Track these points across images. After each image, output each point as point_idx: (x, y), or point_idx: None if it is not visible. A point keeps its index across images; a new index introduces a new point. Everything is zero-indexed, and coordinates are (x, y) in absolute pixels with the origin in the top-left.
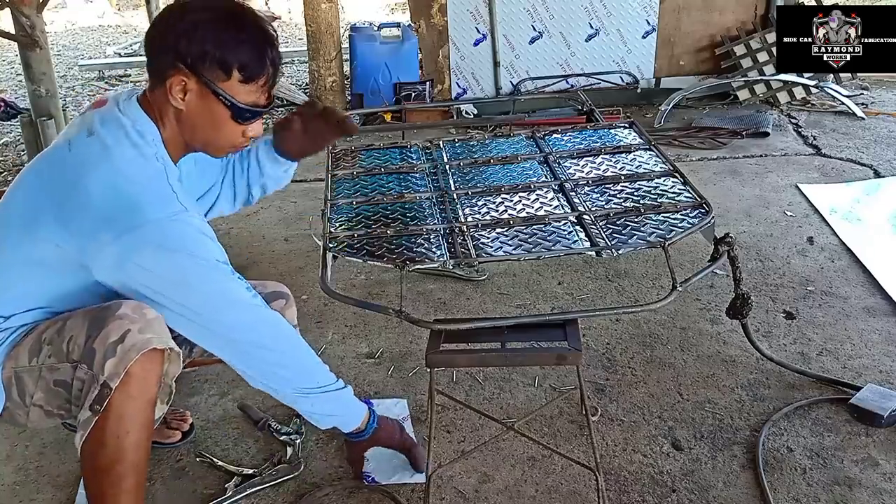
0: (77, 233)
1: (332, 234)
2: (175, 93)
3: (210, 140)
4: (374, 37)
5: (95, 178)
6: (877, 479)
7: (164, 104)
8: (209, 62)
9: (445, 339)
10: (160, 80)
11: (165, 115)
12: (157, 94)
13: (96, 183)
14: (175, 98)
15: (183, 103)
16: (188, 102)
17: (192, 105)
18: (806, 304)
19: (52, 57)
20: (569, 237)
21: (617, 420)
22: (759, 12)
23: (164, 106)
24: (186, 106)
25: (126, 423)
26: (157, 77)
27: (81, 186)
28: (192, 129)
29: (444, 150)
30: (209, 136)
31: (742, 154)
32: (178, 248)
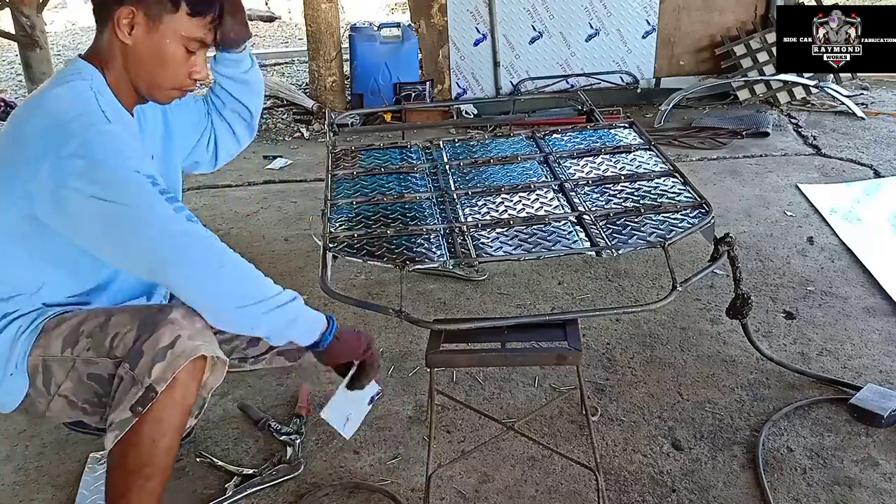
0: (24, 180)
1: (332, 234)
2: (122, 26)
3: (155, 78)
4: (374, 37)
5: (31, 123)
6: (877, 479)
7: (110, 44)
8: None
9: (445, 339)
10: (106, 18)
11: (111, 56)
12: (102, 37)
13: (31, 126)
14: (122, 31)
15: (130, 38)
16: (135, 37)
17: (138, 39)
18: (806, 304)
19: (52, 57)
20: (569, 237)
21: (617, 420)
22: (759, 12)
23: (110, 46)
24: (133, 41)
25: (163, 428)
26: (102, 15)
27: (20, 136)
28: (138, 66)
29: (444, 150)
30: (155, 74)
31: (742, 154)
32: (101, 161)
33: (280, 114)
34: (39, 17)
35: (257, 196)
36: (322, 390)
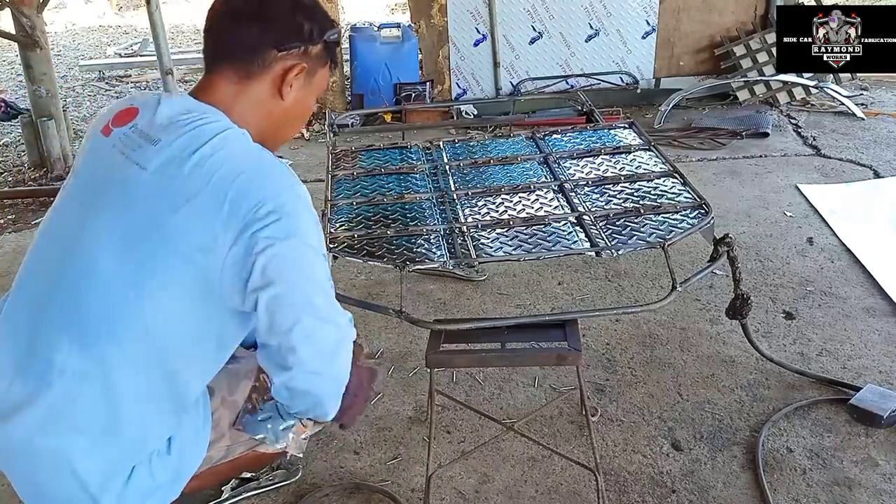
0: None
1: (332, 235)
2: (288, 81)
3: (289, 133)
4: (374, 37)
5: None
6: (877, 479)
7: (256, 98)
8: (323, 45)
9: (445, 339)
10: (258, 70)
11: (250, 110)
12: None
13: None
14: (286, 88)
15: (289, 94)
16: (292, 92)
17: (293, 97)
18: (806, 305)
19: (52, 57)
20: (569, 237)
21: (617, 420)
22: (759, 13)
23: (253, 100)
24: (290, 97)
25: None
26: (251, 66)
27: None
28: (282, 124)
29: (444, 150)
30: (290, 131)
31: (742, 154)
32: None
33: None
34: (39, 17)
35: None
36: None
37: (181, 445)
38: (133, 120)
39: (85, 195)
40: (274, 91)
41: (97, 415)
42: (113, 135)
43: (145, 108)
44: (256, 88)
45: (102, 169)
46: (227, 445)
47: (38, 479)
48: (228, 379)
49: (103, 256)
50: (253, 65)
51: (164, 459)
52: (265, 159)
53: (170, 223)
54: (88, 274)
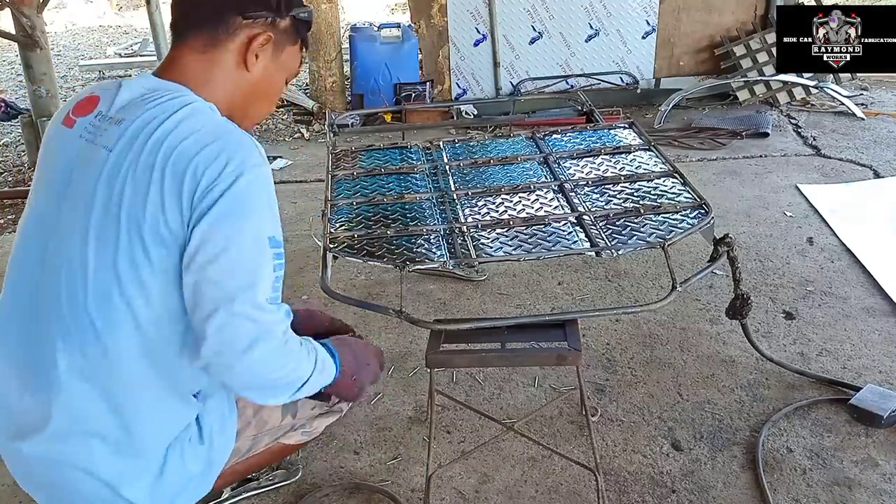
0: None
1: (332, 235)
2: (253, 51)
3: (258, 110)
4: (375, 37)
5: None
6: (876, 479)
7: (221, 66)
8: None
9: (445, 339)
10: (224, 36)
11: (215, 78)
12: (208, 55)
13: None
14: (251, 57)
15: (254, 64)
16: (258, 64)
17: (261, 68)
18: (806, 305)
19: (52, 57)
20: (569, 238)
21: (617, 420)
22: (759, 13)
23: (219, 68)
24: (254, 69)
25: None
26: (216, 31)
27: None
28: (248, 97)
29: (444, 150)
30: (260, 106)
31: (742, 155)
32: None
33: (280, 114)
34: (39, 17)
35: None
36: None
37: (211, 434)
38: (96, 108)
39: (56, 190)
40: (239, 59)
41: (107, 414)
42: (77, 125)
43: (106, 93)
44: (222, 57)
45: (68, 160)
46: (253, 435)
47: (66, 491)
48: None
49: (81, 251)
50: (217, 31)
51: (196, 449)
52: (230, 134)
53: (138, 207)
54: (69, 272)
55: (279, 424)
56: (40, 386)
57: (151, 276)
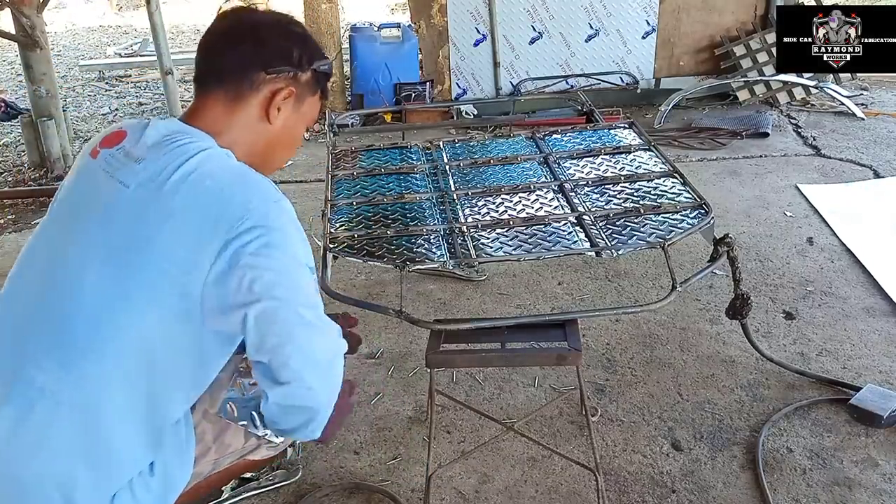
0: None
1: (332, 235)
2: (276, 105)
3: (276, 162)
4: (374, 37)
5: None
6: (876, 479)
7: (244, 120)
8: (312, 73)
9: (445, 339)
10: (247, 91)
11: (238, 132)
12: (231, 108)
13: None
14: (273, 111)
15: (277, 118)
16: (279, 118)
17: (283, 119)
18: (806, 305)
19: (52, 57)
20: (569, 237)
21: (617, 420)
22: (759, 13)
23: (242, 122)
24: (278, 120)
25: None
26: (240, 86)
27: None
28: (270, 149)
29: (444, 150)
30: (281, 157)
31: (742, 155)
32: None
33: None
34: (39, 17)
35: None
36: None
37: (165, 466)
38: (121, 142)
39: (69, 213)
40: (262, 114)
41: (78, 438)
42: (100, 156)
43: (133, 131)
44: (245, 111)
45: (86, 187)
46: (214, 459)
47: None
48: (211, 392)
49: (85, 275)
50: (242, 86)
51: (146, 481)
52: (248, 174)
53: (151, 240)
54: (70, 292)
55: (243, 446)
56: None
57: (153, 310)
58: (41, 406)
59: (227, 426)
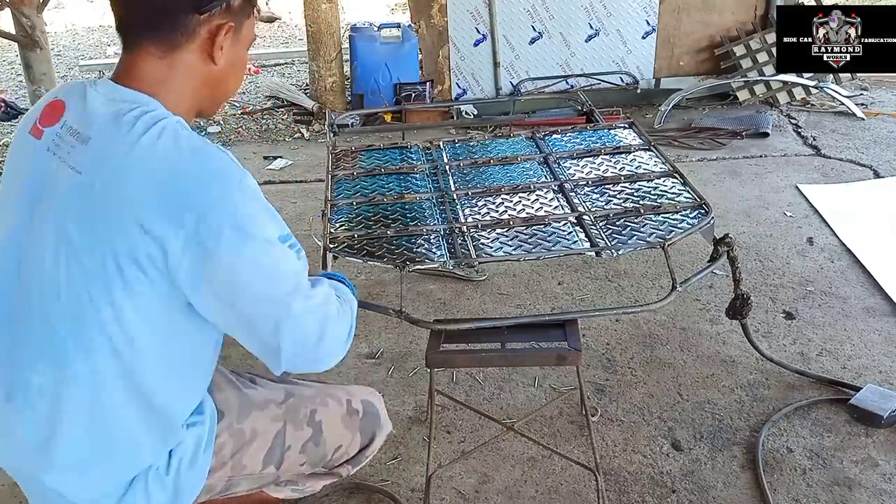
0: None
1: (332, 235)
2: (220, 43)
3: (224, 96)
4: (374, 37)
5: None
6: (877, 479)
7: (185, 70)
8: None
9: (445, 339)
10: (183, 38)
11: (180, 84)
12: (168, 61)
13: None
14: (217, 52)
15: (221, 56)
16: (223, 55)
17: (227, 54)
18: (806, 305)
19: (52, 57)
20: (569, 237)
21: (617, 420)
22: (759, 13)
23: (183, 72)
24: (223, 58)
25: None
26: (173, 35)
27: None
28: (217, 84)
29: (444, 150)
30: (226, 92)
31: (742, 154)
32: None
33: (280, 114)
34: (39, 17)
35: None
36: None
37: (179, 466)
38: (62, 116)
39: (27, 204)
40: (205, 57)
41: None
42: (45, 136)
43: (71, 99)
44: (185, 58)
45: (38, 174)
46: (228, 476)
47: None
48: (240, 404)
49: (52, 273)
50: (175, 34)
51: (161, 480)
52: (206, 155)
53: (113, 232)
54: (42, 291)
55: (259, 472)
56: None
57: (127, 299)
58: (42, 407)
59: (247, 445)
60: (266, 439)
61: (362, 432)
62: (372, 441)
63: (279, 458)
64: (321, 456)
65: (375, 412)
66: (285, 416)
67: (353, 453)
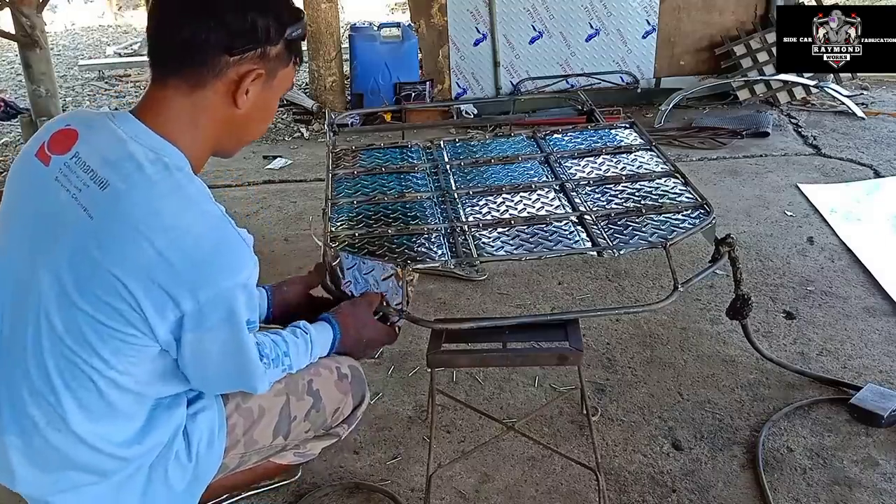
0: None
1: (332, 234)
2: (246, 87)
3: (245, 139)
4: (374, 37)
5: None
6: (877, 479)
7: (208, 106)
8: (284, 44)
9: (446, 339)
10: (210, 77)
11: (202, 119)
12: (193, 96)
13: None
14: (241, 97)
15: (245, 101)
16: (250, 97)
17: (253, 99)
18: (806, 304)
19: (51, 57)
20: (570, 237)
21: (617, 420)
22: (759, 12)
23: (205, 109)
24: (247, 103)
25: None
26: (201, 73)
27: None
28: (241, 127)
29: (444, 149)
30: (248, 135)
31: (742, 154)
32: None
33: (280, 114)
34: (39, 17)
35: (257, 196)
36: None
37: (198, 450)
38: (74, 146)
39: (33, 236)
40: (228, 100)
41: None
42: (52, 164)
43: (85, 130)
44: (209, 98)
45: (43, 204)
46: (241, 453)
47: None
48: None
49: (53, 309)
50: (204, 73)
51: (182, 465)
52: (218, 245)
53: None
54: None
55: (270, 444)
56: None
57: (119, 354)
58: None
59: (257, 421)
60: (273, 413)
61: (353, 394)
62: (362, 401)
63: (287, 428)
64: (322, 420)
65: (361, 375)
66: (286, 390)
67: (347, 413)
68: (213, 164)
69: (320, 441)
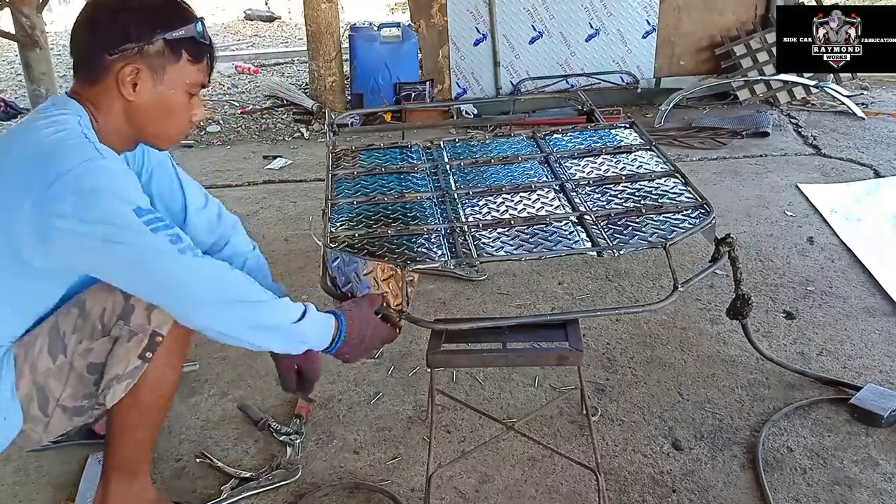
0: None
1: (332, 234)
2: (126, 84)
3: (162, 129)
4: (374, 37)
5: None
6: (877, 479)
7: (107, 97)
8: (160, 46)
9: (446, 339)
10: (99, 72)
11: (107, 108)
12: (96, 87)
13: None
14: (126, 89)
15: (134, 94)
16: (139, 93)
17: (143, 95)
18: (806, 304)
19: (51, 57)
20: (570, 237)
21: (617, 420)
22: (759, 12)
23: (107, 99)
24: (137, 97)
25: (168, 372)
26: (93, 72)
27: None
28: (143, 119)
29: (444, 150)
30: (161, 125)
31: (742, 154)
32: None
33: (280, 114)
34: (39, 17)
35: (257, 196)
36: (323, 391)
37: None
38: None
39: None
40: (117, 93)
41: None
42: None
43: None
44: (105, 92)
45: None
46: (33, 382)
47: None
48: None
49: None
50: (95, 71)
51: None
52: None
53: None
54: None
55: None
56: None
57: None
58: None
59: (32, 347)
60: (44, 335)
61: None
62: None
63: (62, 345)
64: (91, 327)
65: None
66: (56, 314)
67: (119, 311)
68: (214, 164)
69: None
